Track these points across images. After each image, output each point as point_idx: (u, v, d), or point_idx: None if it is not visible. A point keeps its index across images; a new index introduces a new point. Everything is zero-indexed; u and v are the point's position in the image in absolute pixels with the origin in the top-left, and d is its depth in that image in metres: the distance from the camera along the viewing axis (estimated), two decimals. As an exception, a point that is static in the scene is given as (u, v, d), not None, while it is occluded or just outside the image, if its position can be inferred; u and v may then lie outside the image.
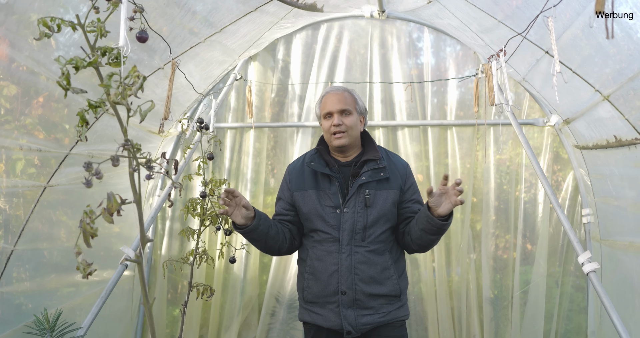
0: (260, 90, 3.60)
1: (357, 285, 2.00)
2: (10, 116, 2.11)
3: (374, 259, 2.01)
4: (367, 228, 2.02)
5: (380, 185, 2.05)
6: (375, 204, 2.03)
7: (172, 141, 3.50)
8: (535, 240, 3.29)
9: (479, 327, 3.28)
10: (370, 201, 2.02)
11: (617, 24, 1.65)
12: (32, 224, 2.40)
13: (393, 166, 2.12)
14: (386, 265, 2.03)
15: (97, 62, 1.09)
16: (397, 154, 2.24)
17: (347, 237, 2.02)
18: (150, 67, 2.55)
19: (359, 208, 2.03)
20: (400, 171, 2.12)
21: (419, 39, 3.51)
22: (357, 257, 2.01)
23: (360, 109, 2.12)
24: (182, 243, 3.52)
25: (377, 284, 2.01)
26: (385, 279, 2.02)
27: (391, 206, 2.06)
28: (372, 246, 2.02)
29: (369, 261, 2.01)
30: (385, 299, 2.03)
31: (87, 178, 1.05)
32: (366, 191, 2.03)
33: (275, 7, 2.76)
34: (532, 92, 3.21)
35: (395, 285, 2.04)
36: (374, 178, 2.04)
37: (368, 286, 2.00)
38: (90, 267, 1.06)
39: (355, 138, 2.09)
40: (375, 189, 2.04)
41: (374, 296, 2.01)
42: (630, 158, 2.17)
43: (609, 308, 2.03)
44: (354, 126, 2.07)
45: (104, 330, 3.00)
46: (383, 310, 2.02)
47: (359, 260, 2.01)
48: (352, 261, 2.01)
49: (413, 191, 2.13)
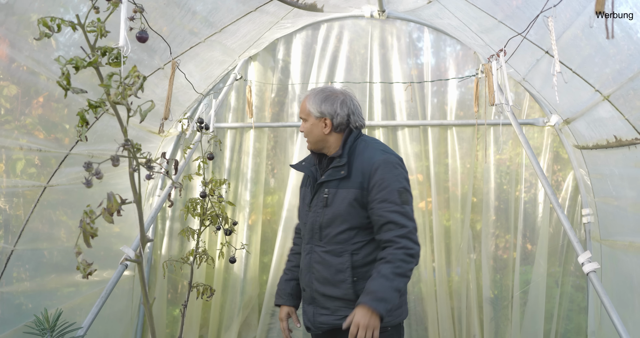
0: (260, 90, 3.60)
1: (313, 284, 2.02)
2: (10, 116, 2.11)
3: (329, 260, 1.98)
4: (323, 228, 2.00)
5: (341, 184, 1.98)
6: (333, 204, 1.98)
7: (172, 141, 3.50)
8: (535, 240, 3.29)
9: (479, 327, 3.28)
10: (329, 201, 1.98)
11: (617, 24, 1.65)
12: (32, 224, 2.40)
13: (359, 163, 1.98)
14: (341, 267, 1.96)
15: (97, 62, 1.09)
16: (379, 150, 2.02)
17: (307, 236, 2.06)
18: (150, 67, 2.55)
19: (318, 208, 2.02)
20: (365, 168, 1.96)
21: (419, 39, 3.51)
22: (314, 256, 2.02)
23: (323, 112, 2.04)
24: (182, 243, 3.52)
25: (331, 286, 1.97)
26: (338, 282, 1.96)
27: (348, 206, 1.95)
28: (329, 247, 1.99)
29: (324, 261, 1.99)
30: (342, 302, 1.97)
31: (87, 178, 1.05)
32: (325, 190, 2.01)
33: (275, 7, 2.76)
34: (532, 92, 3.21)
35: (348, 289, 1.95)
36: (334, 176, 1.99)
37: (322, 287, 1.99)
38: (90, 267, 1.06)
39: (315, 141, 2.06)
40: (336, 188, 1.99)
41: (327, 297, 1.99)
42: (631, 158, 2.17)
43: (609, 308, 2.03)
44: (308, 131, 2.07)
45: (104, 330, 3.00)
46: (340, 312, 1.97)
47: (315, 259, 2.02)
48: (310, 260, 2.04)
49: (378, 189, 1.92)
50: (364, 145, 2.04)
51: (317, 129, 2.05)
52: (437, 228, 3.33)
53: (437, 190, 3.36)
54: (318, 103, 2.05)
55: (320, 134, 2.05)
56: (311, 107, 2.06)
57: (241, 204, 3.52)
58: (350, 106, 2.06)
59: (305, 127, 2.08)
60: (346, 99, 2.06)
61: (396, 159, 2.00)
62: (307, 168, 2.14)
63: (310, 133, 2.07)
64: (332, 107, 2.04)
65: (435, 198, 3.35)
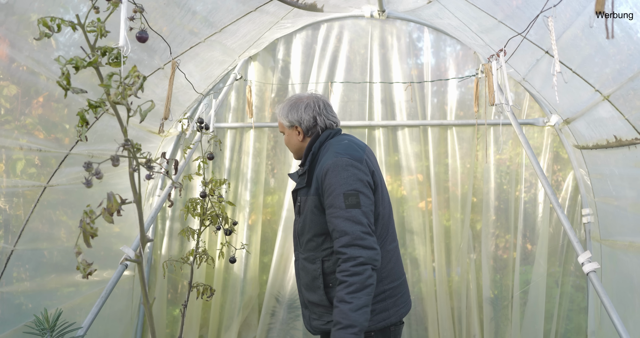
0: (260, 90, 3.60)
1: (302, 290, 2.06)
2: (10, 116, 2.10)
3: (307, 266, 1.99)
4: (299, 236, 2.03)
5: (307, 192, 1.98)
6: (303, 212, 1.99)
7: (172, 141, 3.50)
8: (535, 240, 3.29)
9: (479, 327, 3.28)
10: (301, 209, 2.01)
11: (617, 24, 1.65)
12: (32, 224, 2.40)
13: (318, 169, 1.94)
14: (315, 274, 1.95)
15: (97, 62, 1.09)
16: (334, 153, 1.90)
17: (293, 243, 2.13)
18: (150, 67, 2.55)
19: (296, 215, 2.07)
20: (318, 174, 1.91)
21: (419, 39, 3.51)
22: (298, 263, 2.07)
23: (288, 121, 2.06)
24: (182, 243, 3.52)
25: (311, 292, 1.99)
26: (315, 288, 1.97)
27: (311, 213, 1.92)
28: (305, 254, 2.00)
29: (304, 268, 2.01)
30: (322, 308, 1.96)
31: (87, 178, 1.05)
32: (299, 198, 2.04)
33: (275, 7, 2.76)
34: (532, 92, 3.21)
35: (322, 296, 1.93)
36: (301, 185, 2.01)
37: (307, 293, 2.02)
38: (90, 267, 1.06)
39: (297, 149, 2.11)
40: (305, 195, 1.99)
41: (311, 302, 2.01)
42: (630, 158, 2.17)
43: (609, 308, 2.03)
44: (288, 142, 2.13)
45: (104, 330, 3.00)
46: (324, 318, 1.96)
47: (299, 266, 2.06)
48: (297, 267, 2.08)
49: (327, 195, 1.84)
50: (326, 150, 1.96)
51: (293, 138, 2.10)
52: (437, 228, 3.33)
53: (437, 190, 3.36)
54: (285, 113, 2.08)
55: (297, 142, 2.09)
56: (282, 119, 2.10)
57: (241, 204, 3.52)
58: (315, 108, 2.02)
59: (285, 139, 2.14)
60: (310, 102, 2.04)
61: (348, 160, 1.86)
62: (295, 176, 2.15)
63: (289, 144, 2.13)
64: (297, 113, 2.04)
65: (435, 198, 3.35)
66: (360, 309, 1.71)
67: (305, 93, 2.14)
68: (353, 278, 1.72)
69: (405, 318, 3.38)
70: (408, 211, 3.40)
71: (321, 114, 2.04)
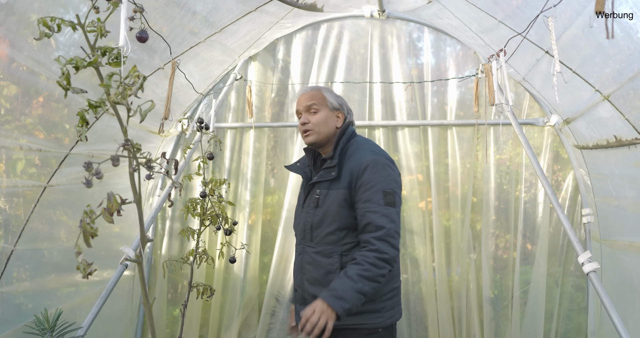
0: (260, 90, 3.60)
1: (304, 284, 2.01)
2: (10, 116, 2.11)
3: (319, 261, 1.96)
4: (314, 229, 1.99)
5: (332, 185, 1.97)
6: (323, 205, 1.97)
7: (172, 141, 3.50)
8: (535, 240, 3.29)
9: (479, 327, 3.28)
10: (320, 202, 1.97)
11: (617, 24, 1.65)
12: (32, 224, 2.40)
13: (350, 163, 1.95)
14: (331, 268, 1.93)
15: (97, 62, 1.09)
16: (370, 150, 1.97)
17: (299, 236, 2.06)
18: (150, 67, 2.55)
19: (310, 208, 2.01)
20: (353, 168, 1.92)
21: (419, 39, 3.51)
22: (305, 257, 2.01)
23: (333, 105, 2.03)
24: (182, 243, 3.52)
25: (321, 286, 1.94)
26: (328, 283, 1.92)
27: (338, 206, 1.93)
28: (319, 248, 1.97)
29: (315, 262, 1.98)
30: None
31: (87, 178, 1.05)
32: (317, 191, 1.99)
33: (275, 7, 2.76)
34: (532, 92, 3.21)
35: None
36: (326, 177, 1.97)
37: (312, 287, 1.97)
38: (90, 267, 1.06)
39: (325, 134, 2.01)
40: (327, 189, 1.97)
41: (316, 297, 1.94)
42: (631, 158, 2.17)
43: (609, 308, 2.03)
44: (321, 122, 2.00)
45: (104, 330, 3.00)
46: None
47: (306, 260, 2.01)
48: (301, 260, 2.03)
49: (364, 189, 1.88)
50: (356, 146, 2.00)
51: (330, 121, 2.02)
52: (437, 228, 3.33)
53: (437, 190, 3.36)
54: (334, 96, 2.06)
55: (332, 127, 2.02)
56: (329, 97, 2.03)
57: (241, 204, 3.52)
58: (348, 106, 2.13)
59: (317, 118, 2.00)
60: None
61: (386, 161, 1.93)
62: (301, 169, 2.12)
63: (323, 124, 2.00)
64: (339, 102, 2.07)
65: (435, 197, 3.35)
66: (360, 293, 1.74)
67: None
68: (372, 267, 1.76)
69: (405, 318, 3.39)
70: (408, 211, 3.40)
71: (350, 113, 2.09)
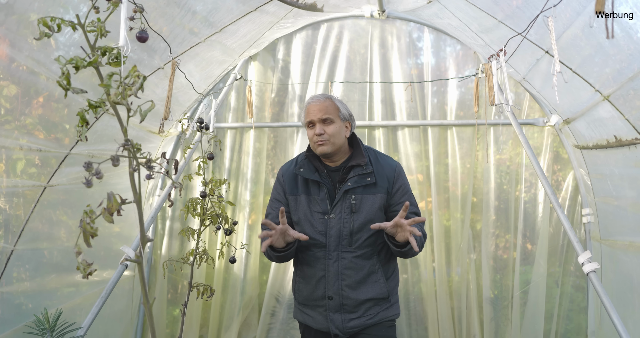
0: (260, 90, 3.60)
1: (344, 290, 2.02)
2: (10, 116, 2.11)
3: (360, 263, 2.02)
4: (353, 234, 2.02)
5: (367, 190, 2.03)
6: (361, 210, 2.01)
7: (172, 141, 3.50)
8: (535, 240, 3.29)
9: (479, 327, 3.28)
10: (356, 207, 2.01)
11: (617, 24, 1.65)
12: (32, 224, 2.40)
13: (381, 169, 2.07)
14: (373, 268, 2.03)
15: (97, 62, 1.09)
16: (387, 156, 2.18)
17: (334, 243, 2.03)
18: (150, 67, 2.55)
19: (345, 214, 2.02)
20: (388, 174, 2.07)
21: (419, 39, 3.51)
22: (343, 263, 2.02)
23: (344, 115, 2.08)
24: (182, 243, 3.52)
25: (364, 288, 2.02)
26: (372, 283, 2.02)
27: (378, 210, 2.03)
28: (359, 252, 2.02)
29: (356, 266, 2.02)
30: (373, 302, 2.03)
31: (87, 178, 1.05)
32: (352, 196, 2.01)
33: (275, 7, 2.76)
34: (532, 92, 3.21)
35: (382, 288, 2.04)
36: (360, 183, 2.01)
37: (354, 292, 2.02)
38: (91, 267, 1.06)
39: (339, 145, 2.06)
40: (362, 194, 2.02)
41: (360, 300, 2.02)
42: (631, 158, 2.17)
43: (609, 308, 2.03)
44: (336, 133, 2.03)
45: (104, 330, 3.00)
46: (370, 312, 2.03)
47: (345, 265, 2.02)
48: (339, 267, 2.02)
49: (402, 193, 2.07)
50: (373, 152, 2.14)
51: (342, 132, 2.08)
52: (437, 228, 3.33)
53: (437, 190, 3.36)
54: (343, 106, 2.10)
55: (344, 137, 2.08)
56: (341, 107, 2.08)
57: (241, 204, 3.52)
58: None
59: (332, 129, 2.03)
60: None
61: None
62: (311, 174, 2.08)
63: (335, 135, 2.04)
64: (348, 112, 2.12)
65: (435, 197, 3.35)
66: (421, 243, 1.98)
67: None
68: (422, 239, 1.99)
69: (406, 318, 3.39)
70: (408, 211, 3.40)
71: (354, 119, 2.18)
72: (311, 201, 2.07)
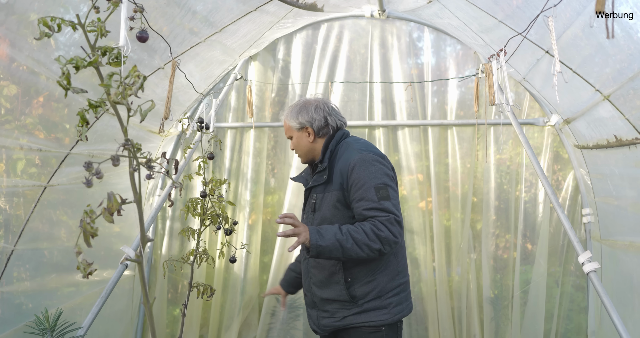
0: (260, 90, 3.60)
1: (312, 288, 2.08)
2: (10, 115, 2.11)
3: (322, 263, 2.02)
4: None
5: (326, 188, 2.04)
6: (321, 208, 2.03)
7: (172, 141, 3.50)
8: (535, 240, 3.29)
9: (479, 327, 3.28)
10: (317, 206, 2.05)
11: (617, 23, 1.65)
12: (32, 224, 2.40)
13: (339, 164, 2.00)
14: (334, 269, 1.98)
15: (97, 62, 1.09)
16: (355, 150, 2.00)
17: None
18: (150, 67, 2.55)
19: (309, 213, 2.09)
20: (343, 169, 1.97)
21: (419, 39, 3.51)
22: (310, 261, 2.09)
23: (299, 125, 2.12)
24: (183, 243, 3.52)
25: (326, 288, 2.02)
26: (333, 284, 1.99)
27: (333, 208, 1.98)
28: None
29: (318, 265, 2.04)
30: (339, 303, 2.00)
31: (87, 178, 1.05)
32: (314, 195, 2.07)
33: (275, 6, 2.76)
34: (533, 92, 3.21)
35: (341, 290, 1.97)
36: (319, 181, 2.05)
37: (319, 290, 2.05)
38: (91, 267, 1.06)
39: (306, 152, 2.15)
40: (322, 192, 2.04)
41: (325, 300, 2.03)
42: (631, 158, 2.17)
43: (609, 308, 2.03)
44: (298, 145, 2.16)
45: (105, 329, 3.00)
46: (339, 314, 2.00)
47: (311, 264, 2.08)
48: (307, 265, 2.11)
49: (356, 188, 1.91)
50: (345, 147, 2.04)
51: (303, 140, 2.14)
52: (437, 227, 3.33)
53: (438, 190, 3.36)
54: (295, 115, 2.14)
55: (306, 144, 2.14)
56: (290, 122, 2.15)
57: (241, 204, 3.52)
58: (324, 108, 2.13)
59: (293, 143, 2.18)
60: (319, 104, 2.14)
61: (373, 156, 1.96)
62: (304, 178, 2.22)
63: (298, 146, 2.16)
64: (308, 114, 2.12)
65: (435, 197, 3.35)
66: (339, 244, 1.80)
67: (311, 97, 2.22)
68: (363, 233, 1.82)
69: (406, 318, 3.38)
70: (408, 211, 3.40)
71: (331, 114, 2.13)
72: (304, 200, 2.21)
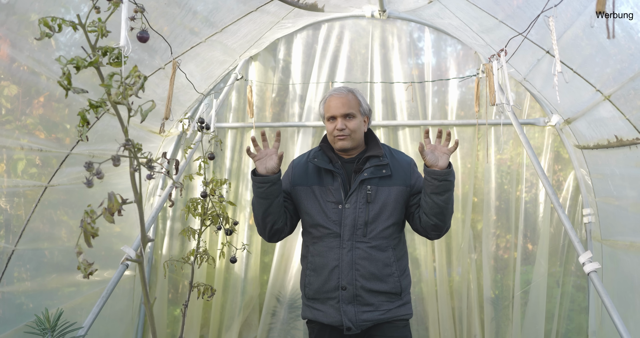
0: (261, 90, 3.60)
1: (358, 281, 2.00)
2: (11, 116, 2.11)
3: (375, 255, 2.01)
4: (368, 224, 2.02)
5: (382, 182, 2.05)
6: (376, 200, 2.03)
7: (172, 141, 3.50)
8: (536, 240, 3.29)
9: (480, 327, 3.28)
10: (371, 197, 2.02)
11: (617, 23, 1.65)
12: (33, 224, 2.40)
13: (396, 163, 2.12)
14: (388, 261, 2.03)
15: (98, 62, 1.09)
16: (400, 151, 2.24)
17: (348, 232, 2.03)
18: (151, 67, 2.55)
19: (360, 204, 2.03)
20: (405, 168, 2.12)
21: (419, 39, 3.51)
22: (358, 253, 2.01)
23: (364, 110, 2.11)
24: (183, 243, 3.53)
25: (378, 280, 2.01)
26: (386, 276, 2.02)
27: (394, 202, 2.04)
28: (374, 242, 2.02)
29: (370, 257, 2.01)
30: (386, 296, 2.02)
31: (88, 178, 1.05)
32: (368, 187, 2.03)
33: (276, 7, 2.76)
34: (533, 92, 3.21)
35: (396, 283, 2.03)
36: (376, 174, 2.04)
37: (369, 283, 2.00)
38: (91, 267, 1.06)
39: (358, 139, 2.09)
40: (377, 185, 2.04)
41: (374, 292, 2.01)
42: (631, 158, 2.16)
43: (610, 308, 2.03)
44: (357, 129, 2.06)
45: (105, 329, 3.00)
46: (383, 307, 2.02)
47: (360, 255, 2.01)
48: (352, 256, 2.01)
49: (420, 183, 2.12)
50: (387, 147, 2.18)
51: (362, 127, 2.12)
52: (437, 228, 3.33)
53: (438, 190, 3.36)
54: (363, 100, 2.13)
55: (362, 132, 2.12)
56: (363, 102, 2.12)
57: (242, 204, 3.52)
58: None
59: (354, 124, 2.06)
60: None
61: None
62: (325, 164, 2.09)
63: (356, 131, 2.07)
64: (368, 107, 2.16)
65: (436, 197, 3.34)
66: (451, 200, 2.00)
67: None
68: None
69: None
70: (409, 211, 3.40)
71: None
72: (324, 191, 2.08)
